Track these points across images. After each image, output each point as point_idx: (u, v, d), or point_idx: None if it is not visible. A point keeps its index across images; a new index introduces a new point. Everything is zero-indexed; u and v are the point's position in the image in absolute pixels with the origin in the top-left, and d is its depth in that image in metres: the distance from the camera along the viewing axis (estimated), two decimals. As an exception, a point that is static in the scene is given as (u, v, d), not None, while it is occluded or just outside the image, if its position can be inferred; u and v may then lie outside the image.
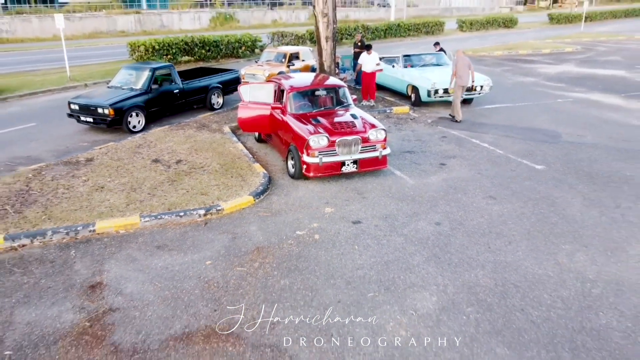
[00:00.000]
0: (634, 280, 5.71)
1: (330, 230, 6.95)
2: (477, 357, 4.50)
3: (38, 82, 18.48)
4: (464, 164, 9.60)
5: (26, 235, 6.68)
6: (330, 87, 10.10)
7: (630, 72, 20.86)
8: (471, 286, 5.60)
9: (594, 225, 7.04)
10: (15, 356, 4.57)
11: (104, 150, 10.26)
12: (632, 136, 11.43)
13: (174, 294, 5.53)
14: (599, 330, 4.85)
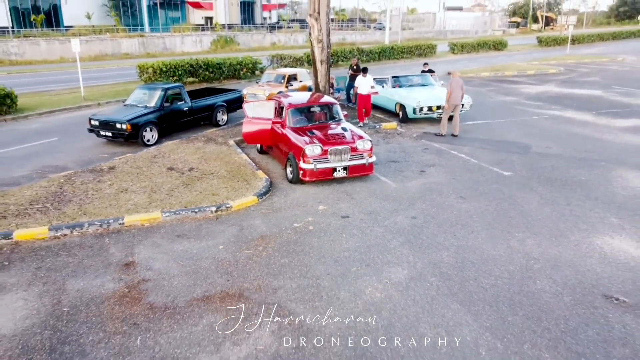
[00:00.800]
0: (569, 258, 6.99)
1: (322, 223, 8.25)
2: (435, 310, 5.76)
3: (55, 101, 19.89)
4: (441, 171, 10.93)
5: (67, 226, 7.95)
6: (324, 104, 11.50)
7: (605, 91, 22.38)
8: (436, 263, 6.87)
9: (545, 219, 8.35)
10: (72, 311, 5.81)
11: (124, 160, 11.59)
12: (593, 147, 12.81)
13: (194, 269, 6.79)
14: (534, 292, 6.12)
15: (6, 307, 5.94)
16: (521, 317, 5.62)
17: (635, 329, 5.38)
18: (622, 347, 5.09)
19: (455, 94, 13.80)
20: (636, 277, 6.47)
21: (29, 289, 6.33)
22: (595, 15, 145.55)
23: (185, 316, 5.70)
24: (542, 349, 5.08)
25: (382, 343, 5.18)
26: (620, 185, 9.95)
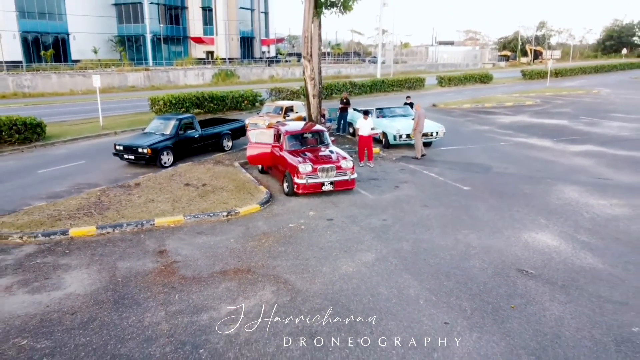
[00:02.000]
0: (499, 247, 9.14)
1: (311, 224, 10.40)
2: (392, 279, 7.88)
3: (76, 130, 22.20)
4: (412, 187, 13.15)
5: (110, 226, 10.09)
6: (315, 131, 13.81)
7: (571, 121, 24.84)
8: (397, 250, 9.01)
9: (488, 221, 10.53)
10: (124, 280, 7.91)
11: (147, 178, 13.79)
12: (545, 168, 15.08)
13: (212, 254, 8.91)
14: (466, 268, 8.26)
15: (75, 278, 8.05)
16: (453, 282, 7.75)
17: (532, 288, 7.51)
18: (520, 299, 7.21)
19: (421, 122, 16.14)
20: (545, 258, 8.62)
21: (89, 267, 8.44)
22: (583, 49, 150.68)
23: (208, 282, 7.81)
24: (463, 300, 7.19)
25: (351, 297, 7.29)
26: (556, 196, 12.18)
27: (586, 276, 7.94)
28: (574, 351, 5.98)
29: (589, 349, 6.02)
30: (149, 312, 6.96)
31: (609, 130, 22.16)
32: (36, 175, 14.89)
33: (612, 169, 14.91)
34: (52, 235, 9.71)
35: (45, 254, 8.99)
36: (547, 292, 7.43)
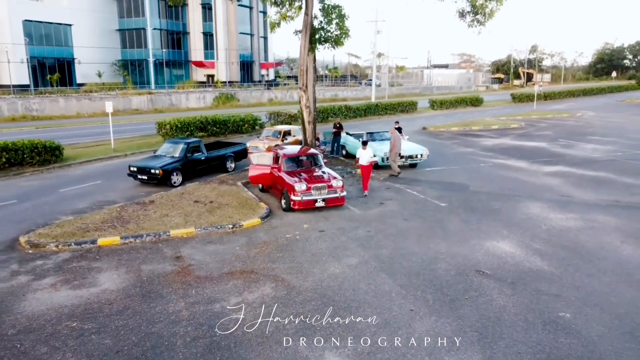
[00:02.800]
0: (464, 253, 10.79)
1: (305, 235, 12.06)
2: (370, 278, 9.51)
3: (89, 152, 23.93)
4: (395, 203, 14.84)
5: (132, 236, 11.74)
6: (310, 154, 15.57)
7: (550, 144, 26.66)
8: (377, 255, 10.66)
9: (459, 232, 12.19)
10: (149, 279, 9.53)
11: (159, 196, 15.46)
12: (515, 187, 16.80)
13: (221, 259, 10.55)
14: (434, 269, 9.90)
15: (108, 278, 9.67)
16: (421, 280, 9.39)
17: (485, 285, 9.15)
18: (474, 292, 8.85)
19: (397, 144, 17.94)
20: (501, 262, 10.27)
21: (118, 270, 10.06)
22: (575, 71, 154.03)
23: (219, 281, 9.44)
24: (428, 293, 8.83)
25: (336, 291, 8.92)
26: (521, 211, 13.87)
27: (532, 275, 9.59)
28: (510, 329, 7.61)
29: (521, 327, 7.65)
30: (172, 302, 8.57)
31: (583, 152, 23.96)
32: (59, 193, 16.55)
33: (576, 188, 16.63)
34: (83, 244, 11.35)
35: (79, 259, 10.62)
36: (497, 287, 9.07)
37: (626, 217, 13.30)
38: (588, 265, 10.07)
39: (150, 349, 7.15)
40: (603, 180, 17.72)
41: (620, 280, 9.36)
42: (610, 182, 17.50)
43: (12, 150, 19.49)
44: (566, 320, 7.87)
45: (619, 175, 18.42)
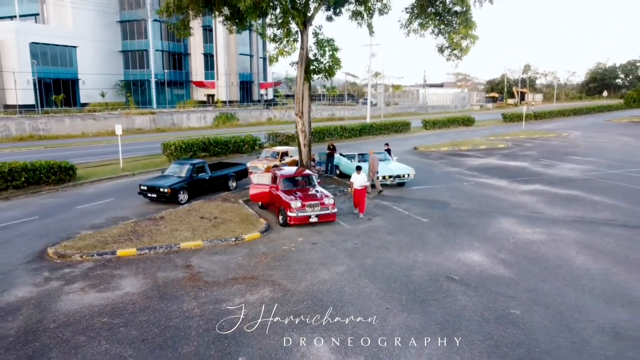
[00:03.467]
0: (438, 262, 12.37)
1: (300, 246, 13.63)
2: (355, 283, 11.07)
3: (100, 171, 25.54)
4: (382, 219, 16.45)
5: (147, 248, 13.30)
6: (304, 175, 17.21)
7: (532, 163, 28.38)
8: (362, 264, 12.23)
9: (436, 244, 13.78)
10: (164, 284, 11.07)
11: (168, 212, 17.05)
12: (493, 204, 18.43)
13: (226, 267, 12.11)
14: (410, 275, 11.47)
15: (128, 283, 11.21)
16: (398, 284, 10.96)
17: (452, 288, 10.72)
18: (442, 294, 10.41)
19: (375, 164, 19.68)
20: (469, 269, 11.84)
21: (137, 276, 11.61)
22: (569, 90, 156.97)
23: (225, 285, 11.00)
24: (402, 295, 10.39)
25: (325, 293, 10.47)
26: (494, 226, 15.48)
27: (493, 280, 11.17)
28: (467, 323, 9.17)
29: (477, 322, 9.21)
30: (185, 302, 10.12)
31: (561, 171, 25.65)
32: (76, 210, 18.13)
33: (548, 205, 18.27)
34: (104, 255, 12.91)
35: (102, 268, 12.17)
36: (462, 290, 10.64)
37: (586, 231, 14.92)
38: (543, 272, 11.66)
39: (170, 338, 8.69)
40: (573, 198, 19.37)
41: (568, 285, 10.94)
42: (579, 199, 19.15)
43: (31, 170, 21.08)
44: (516, 316, 9.43)
45: (589, 194, 20.08)
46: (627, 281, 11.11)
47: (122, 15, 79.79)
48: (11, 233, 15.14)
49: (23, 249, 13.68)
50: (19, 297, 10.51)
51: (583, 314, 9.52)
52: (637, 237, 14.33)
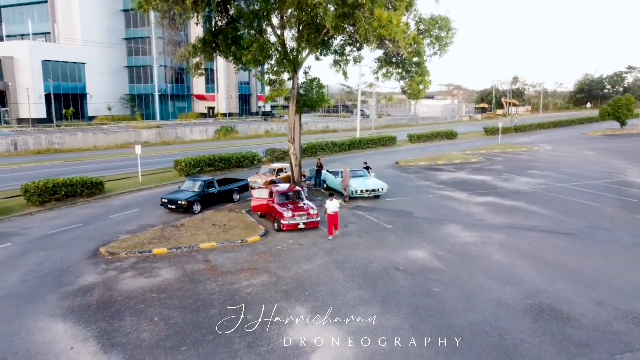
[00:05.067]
0: (390, 257, 16.74)
1: (290, 247, 18.01)
2: (329, 272, 15.44)
3: (122, 185, 29.88)
4: (356, 226, 20.83)
5: (174, 248, 17.67)
6: (295, 191, 21.63)
7: (493, 177, 32.81)
8: (335, 259, 16.61)
9: (394, 245, 18.16)
10: (191, 272, 15.42)
11: (186, 220, 21.40)
12: (448, 213, 22.82)
13: (235, 262, 16.47)
14: (369, 267, 15.84)
15: (165, 272, 15.55)
16: (359, 273, 15.34)
17: (397, 275, 15.10)
18: (389, 279, 14.79)
19: (346, 179, 24.14)
20: (413, 263, 16.22)
21: (170, 267, 15.96)
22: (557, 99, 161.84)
23: (235, 273, 15.36)
24: (361, 280, 14.76)
25: (306, 280, 14.85)
26: (441, 231, 19.87)
27: (428, 270, 15.55)
28: (400, 296, 13.53)
29: (407, 295, 13.59)
30: (208, 284, 14.48)
31: (516, 185, 30.09)
32: (110, 219, 22.48)
33: (491, 214, 22.69)
34: (143, 253, 17.27)
35: (143, 262, 16.52)
36: (403, 276, 15.02)
37: (511, 235, 19.34)
38: (466, 265, 16.06)
39: (201, 305, 13.04)
40: (514, 209, 23.80)
41: (479, 273, 15.33)
42: (519, 210, 23.58)
43: (69, 185, 25.42)
44: (435, 292, 13.82)
45: (529, 205, 24.51)
46: (523, 270, 15.51)
47: (128, 33, 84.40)
48: (66, 237, 19.50)
49: (80, 249, 18.03)
50: (90, 282, 14.86)
51: (482, 291, 13.92)
52: (548, 240, 18.74)
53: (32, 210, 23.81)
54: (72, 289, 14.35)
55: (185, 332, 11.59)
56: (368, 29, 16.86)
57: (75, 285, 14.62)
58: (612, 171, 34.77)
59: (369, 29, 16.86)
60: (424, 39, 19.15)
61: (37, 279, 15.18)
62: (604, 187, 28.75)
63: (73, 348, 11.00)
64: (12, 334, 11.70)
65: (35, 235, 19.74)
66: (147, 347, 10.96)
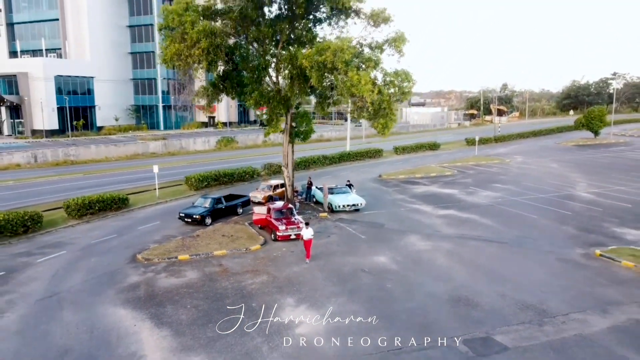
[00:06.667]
0: (359, 261, 22.08)
1: (283, 254, 23.33)
2: (312, 273, 20.75)
3: (141, 199, 35.13)
4: (336, 236, 26.12)
5: (194, 254, 22.97)
6: (288, 208, 26.98)
7: (460, 191, 38.13)
8: (318, 264, 21.91)
9: (363, 251, 23.47)
10: (209, 274, 20.73)
11: (201, 232, 26.68)
12: (413, 225, 28.14)
13: (242, 266, 21.79)
14: (342, 270, 21.17)
15: (190, 273, 20.85)
16: (334, 274, 20.67)
17: (362, 275, 20.43)
18: (356, 278, 20.13)
19: (326, 194, 29.47)
20: (376, 266, 21.54)
21: (193, 270, 21.27)
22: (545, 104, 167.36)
23: (242, 274, 20.68)
24: (334, 278, 20.09)
25: (295, 279, 20.17)
26: (403, 241, 25.19)
27: (387, 271, 20.86)
28: (362, 290, 18.85)
29: (367, 290, 18.90)
30: (223, 282, 19.78)
31: (477, 198, 35.43)
32: (138, 230, 27.75)
33: (447, 226, 28.02)
34: (171, 259, 22.56)
35: (172, 266, 21.81)
36: (367, 276, 20.34)
37: (458, 244, 24.67)
38: (415, 267, 21.39)
39: (219, 296, 18.32)
40: (467, 221, 29.14)
41: (424, 273, 20.66)
42: (471, 222, 28.93)
43: (102, 201, 30.70)
44: (388, 287, 19.14)
45: (481, 217, 29.87)
46: (456, 272, 20.84)
47: (133, 48, 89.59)
48: (108, 245, 24.80)
49: (121, 255, 23.31)
50: (135, 281, 20.16)
51: (421, 286, 19.25)
52: (485, 247, 24.08)
53: (72, 223, 29.09)
54: (124, 286, 19.65)
55: (210, 315, 16.89)
56: (342, 87, 22.20)
57: (125, 283, 19.92)
58: (564, 185, 40.17)
59: (343, 87, 22.19)
60: (389, 90, 24.35)
61: (96, 279, 20.47)
62: (549, 201, 34.14)
63: (136, 325, 16.29)
64: (91, 317, 16.99)
65: (83, 245, 25.02)
66: (186, 324, 16.26)
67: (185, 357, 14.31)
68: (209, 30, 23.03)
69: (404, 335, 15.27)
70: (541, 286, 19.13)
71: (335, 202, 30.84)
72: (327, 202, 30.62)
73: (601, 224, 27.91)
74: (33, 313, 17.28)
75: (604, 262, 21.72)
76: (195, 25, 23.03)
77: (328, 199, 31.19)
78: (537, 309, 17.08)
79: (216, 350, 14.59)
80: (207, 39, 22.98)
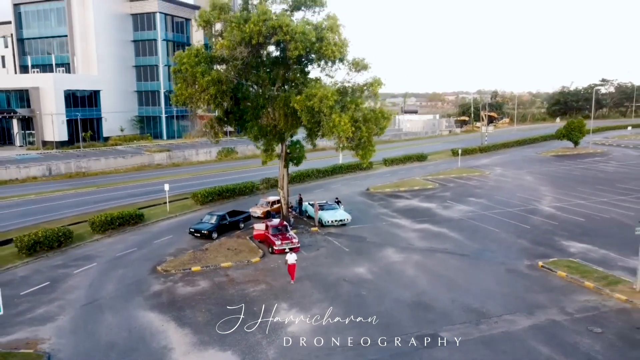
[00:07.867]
0: (342, 272, 26.65)
1: (279, 265, 27.89)
2: (301, 282, 25.35)
3: (153, 213, 39.65)
4: (324, 249, 30.72)
5: (205, 266, 27.54)
6: (283, 225, 31.60)
7: (437, 205, 42.72)
8: (307, 273, 26.48)
9: (346, 263, 28.07)
10: (218, 283, 25.32)
11: (208, 245, 31.25)
12: (390, 238, 32.71)
13: (244, 275, 26.37)
14: (328, 278, 25.78)
15: (202, 282, 25.42)
16: (320, 283, 25.28)
17: (343, 284, 25.02)
18: (338, 287, 24.74)
19: (317, 210, 34.08)
20: (355, 276, 26.11)
21: (205, 280, 25.84)
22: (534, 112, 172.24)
23: (245, 283, 25.28)
24: (320, 286, 24.70)
25: (287, 287, 24.77)
26: (380, 254, 29.77)
27: (364, 280, 25.45)
28: (341, 296, 23.46)
29: (345, 296, 23.52)
30: (230, 290, 24.37)
31: (451, 212, 40.01)
32: (154, 244, 32.31)
33: (419, 239, 32.61)
34: (185, 270, 27.13)
35: (187, 276, 26.38)
36: (347, 284, 24.93)
37: (426, 256, 29.27)
38: (387, 277, 25.99)
39: (227, 301, 22.88)
40: (438, 234, 33.75)
41: (394, 282, 25.25)
42: (441, 235, 33.53)
43: (122, 217, 35.24)
44: (362, 294, 23.72)
45: (450, 231, 34.48)
46: (420, 280, 25.44)
47: (137, 61, 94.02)
48: (131, 258, 29.37)
49: (143, 267, 27.87)
50: (158, 289, 24.71)
51: (390, 293, 23.84)
52: (448, 259, 28.68)
53: (97, 237, 33.66)
54: (149, 293, 24.22)
55: (221, 316, 21.46)
56: (326, 127, 26.87)
57: (150, 291, 24.50)
58: (531, 198, 44.79)
59: (327, 127, 26.86)
60: (369, 126, 28.92)
61: (125, 287, 25.03)
62: (514, 215, 38.77)
63: (163, 325, 20.87)
64: (127, 319, 21.56)
65: (109, 257, 29.58)
66: (202, 325, 20.84)
67: (204, 349, 18.90)
68: (216, 79, 27.64)
69: (372, 334, 19.84)
70: (486, 293, 23.77)
71: (325, 217, 35.42)
72: (317, 217, 35.21)
73: (552, 237, 32.56)
74: (80, 316, 21.84)
75: (543, 273, 26.38)
76: (205, 75, 27.63)
77: (318, 214, 35.75)
78: (478, 311, 21.72)
79: (227, 344, 19.19)
80: (215, 86, 27.58)
